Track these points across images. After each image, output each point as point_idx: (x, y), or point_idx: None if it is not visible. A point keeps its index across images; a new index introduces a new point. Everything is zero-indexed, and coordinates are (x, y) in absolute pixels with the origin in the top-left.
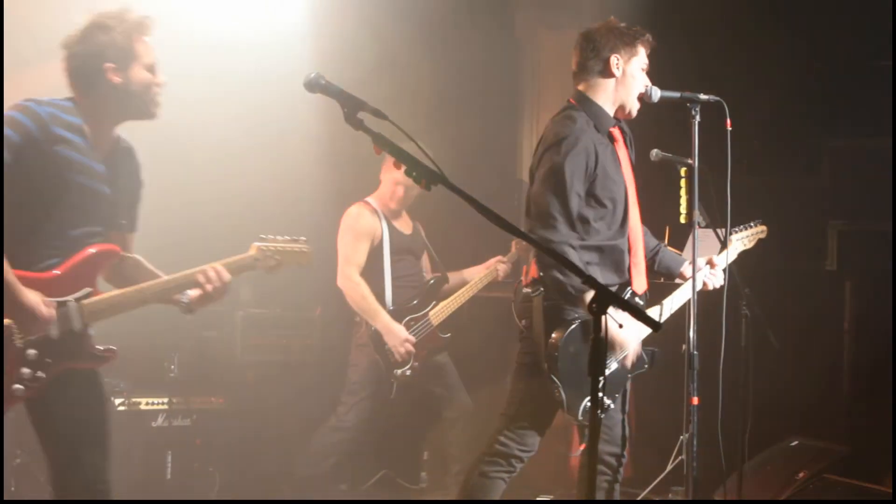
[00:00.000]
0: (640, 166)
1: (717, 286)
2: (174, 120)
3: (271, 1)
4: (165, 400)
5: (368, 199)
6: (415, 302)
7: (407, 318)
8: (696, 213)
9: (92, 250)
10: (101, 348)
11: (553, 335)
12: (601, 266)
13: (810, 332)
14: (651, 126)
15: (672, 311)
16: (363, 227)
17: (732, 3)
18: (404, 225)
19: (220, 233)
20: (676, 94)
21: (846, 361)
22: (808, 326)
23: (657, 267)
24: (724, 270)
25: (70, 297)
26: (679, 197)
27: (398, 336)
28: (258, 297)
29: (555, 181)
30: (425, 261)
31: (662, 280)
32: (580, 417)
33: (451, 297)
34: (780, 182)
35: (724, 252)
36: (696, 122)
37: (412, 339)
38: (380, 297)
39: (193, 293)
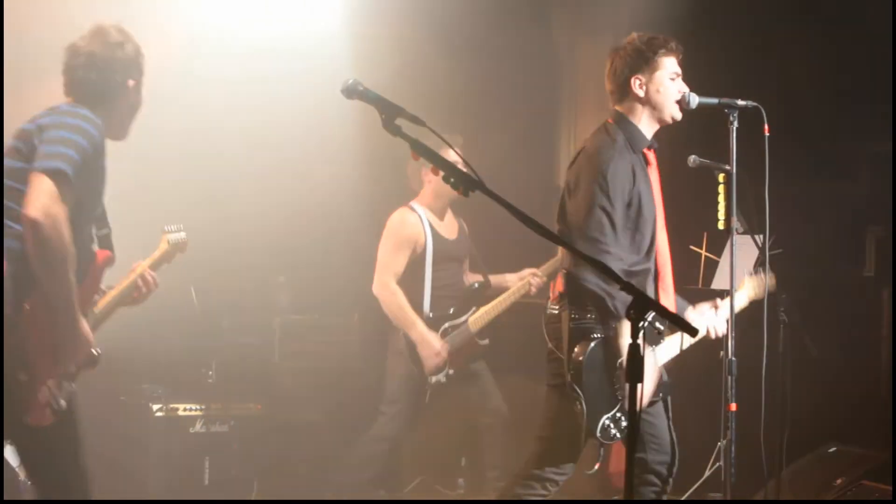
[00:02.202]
0: (678, 172)
1: (720, 334)
2: (208, 127)
3: (305, 7)
4: (203, 406)
5: (413, 203)
6: (452, 309)
7: (445, 326)
8: (735, 219)
9: (103, 256)
10: (97, 352)
11: (577, 348)
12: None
13: (848, 338)
14: (688, 132)
15: (668, 359)
16: (406, 235)
17: (769, 7)
18: (449, 229)
19: (255, 240)
20: (714, 101)
21: (884, 367)
22: (846, 333)
23: None
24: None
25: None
26: (717, 203)
27: (432, 347)
28: (296, 303)
29: (600, 197)
30: (467, 264)
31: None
32: (598, 434)
33: (491, 305)
34: (817, 188)
35: (734, 293)
36: (735, 128)
37: (444, 352)
38: (417, 304)
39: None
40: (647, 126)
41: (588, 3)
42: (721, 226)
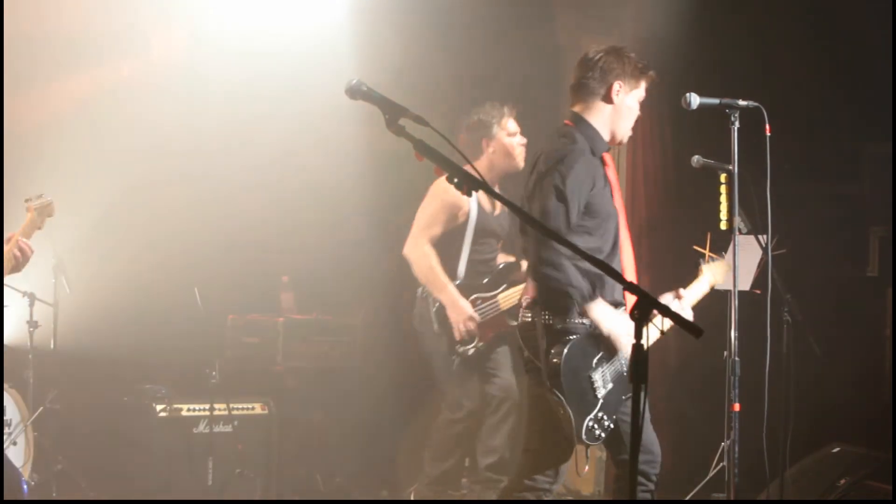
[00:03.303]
0: (682, 172)
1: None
2: (212, 126)
3: (308, 7)
4: (207, 406)
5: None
6: (485, 280)
7: (475, 296)
8: (737, 219)
9: None
10: None
11: (552, 350)
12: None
13: (852, 338)
14: (692, 131)
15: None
16: (449, 201)
17: (770, 8)
18: (495, 203)
19: (258, 240)
20: (715, 101)
21: (888, 367)
22: (850, 332)
23: None
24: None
25: None
26: (719, 203)
27: (462, 312)
28: (300, 303)
29: (559, 198)
30: (502, 243)
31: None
32: (583, 437)
33: (523, 285)
34: (820, 188)
35: (692, 285)
36: (736, 129)
37: (476, 317)
38: (451, 274)
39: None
40: (603, 131)
41: (592, 4)
42: (723, 226)
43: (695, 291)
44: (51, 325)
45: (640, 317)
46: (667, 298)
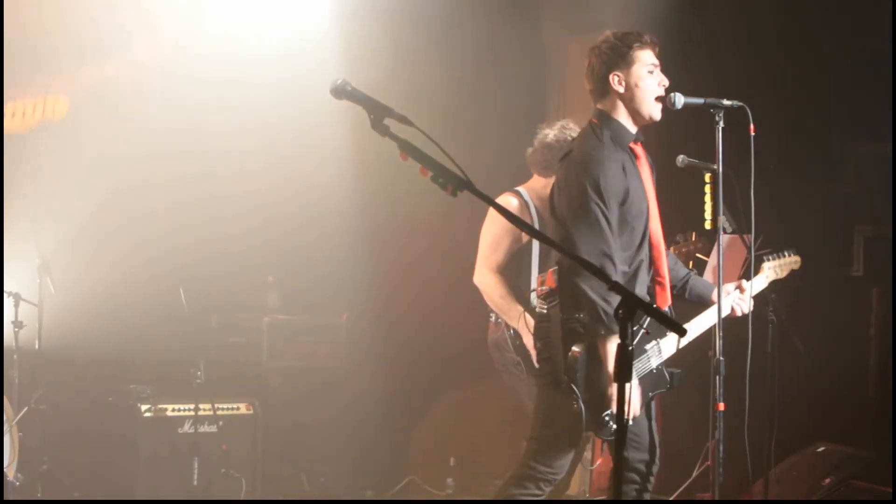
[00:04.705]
0: (667, 172)
1: (745, 311)
2: (198, 128)
3: (294, 9)
4: (192, 406)
5: (519, 188)
6: None
7: None
8: (722, 218)
9: None
10: None
11: (574, 348)
12: (623, 280)
13: (836, 337)
14: (678, 131)
15: (695, 336)
16: (508, 222)
17: (757, 7)
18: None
19: (244, 241)
20: (700, 101)
21: (872, 367)
22: (835, 332)
23: (688, 295)
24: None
25: None
26: (704, 202)
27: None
28: (285, 303)
29: (595, 202)
30: None
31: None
32: (600, 432)
33: None
34: (806, 187)
35: (753, 278)
36: (721, 128)
37: None
38: (524, 299)
39: None
40: (629, 122)
41: (577, 4)
42: (708, 225)
43: (757, 284)
44: (35, 325)
45: (625, 317)
46: (728, 287)
